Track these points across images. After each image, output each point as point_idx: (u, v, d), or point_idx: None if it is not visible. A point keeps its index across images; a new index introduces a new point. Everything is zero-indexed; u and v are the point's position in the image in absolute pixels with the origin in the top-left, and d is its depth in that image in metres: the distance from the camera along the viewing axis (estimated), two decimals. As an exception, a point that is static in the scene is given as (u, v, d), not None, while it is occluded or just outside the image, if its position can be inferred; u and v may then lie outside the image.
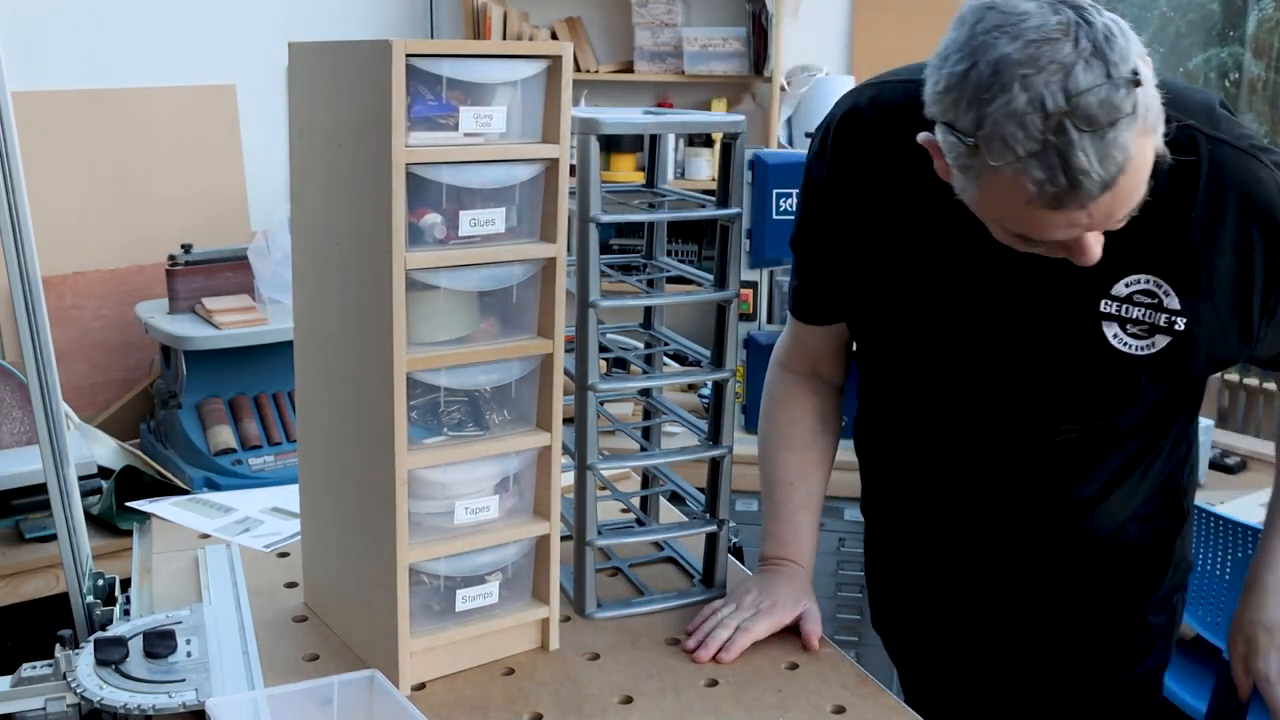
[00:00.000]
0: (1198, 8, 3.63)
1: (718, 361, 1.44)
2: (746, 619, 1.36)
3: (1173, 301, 1.21)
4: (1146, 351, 1.23)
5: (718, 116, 1.43)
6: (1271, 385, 3.08)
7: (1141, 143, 1.02)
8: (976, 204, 1.12)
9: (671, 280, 1.61)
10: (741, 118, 1.39)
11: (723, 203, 1.40)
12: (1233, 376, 3.17)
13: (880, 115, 1.30)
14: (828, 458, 1.51)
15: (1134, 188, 1.05)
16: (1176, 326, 1.21)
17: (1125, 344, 1.23)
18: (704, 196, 1.51)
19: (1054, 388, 1.28)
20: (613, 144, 3.57)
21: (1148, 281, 1.21)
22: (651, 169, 1.65)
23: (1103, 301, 1.23)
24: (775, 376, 1.53)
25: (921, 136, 1.13)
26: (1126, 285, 1.22)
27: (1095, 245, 1.10)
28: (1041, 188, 1.02)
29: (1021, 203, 1.05)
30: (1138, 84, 1.00)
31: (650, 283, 1.61)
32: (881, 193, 1.30)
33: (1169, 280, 1.21)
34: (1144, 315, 1.22)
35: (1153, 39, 3.75)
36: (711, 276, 1.43)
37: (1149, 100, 1.02)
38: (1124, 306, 1.22)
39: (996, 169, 1.04)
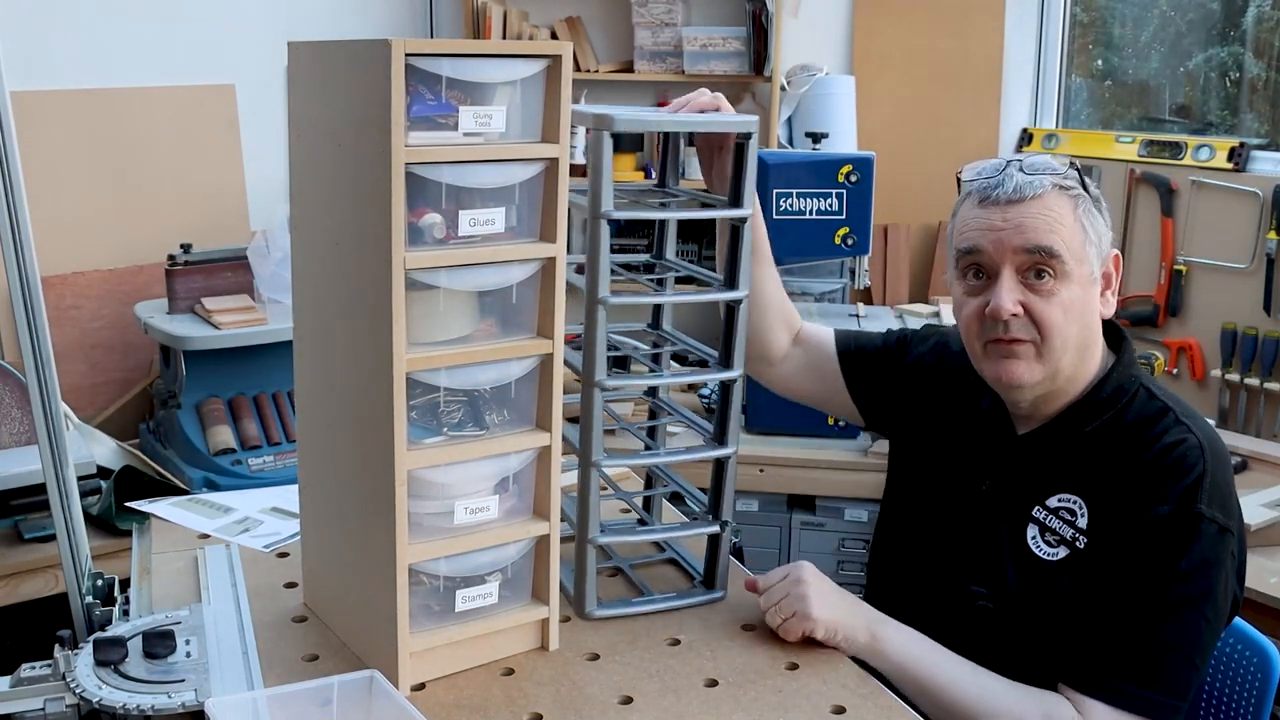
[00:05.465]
0: (1198, 8, 3.63)
1: (725, 362, 1.43)
2: None
3: (1083, 521, 1.40)
4: (1052, 558, 1.41)
5: (731, 117, 1.42)
6: (1272, 385, 3.08)
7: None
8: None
9: (679, 280, 1.61)
10: (755, 119, 1.38)
11: (734, 203, 1.40)
12: (1233, 376, 3.17)
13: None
14: None
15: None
16: (1078, 544, 1.39)
17: (1039, 548, 1.42)
18: (709, 196, 1.51)
19: (982, 561, 1.47)
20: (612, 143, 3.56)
21: (1071, 500, 1.41)
22: (664, 168, 1.64)
23: (1035, 508, 1.44)
24: None
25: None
26: (1058, 500, 1.42)
27: (1005, 294, 1.36)
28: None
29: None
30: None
31: (659, 282, 1.61)
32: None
33: (1088, 502, 1.40)
34: (1059, 528, 1.41)
35: (1153, 39, 3.75)
36: (717, 276, 1.43)
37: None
38: (1049, 516, 1.42)
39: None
